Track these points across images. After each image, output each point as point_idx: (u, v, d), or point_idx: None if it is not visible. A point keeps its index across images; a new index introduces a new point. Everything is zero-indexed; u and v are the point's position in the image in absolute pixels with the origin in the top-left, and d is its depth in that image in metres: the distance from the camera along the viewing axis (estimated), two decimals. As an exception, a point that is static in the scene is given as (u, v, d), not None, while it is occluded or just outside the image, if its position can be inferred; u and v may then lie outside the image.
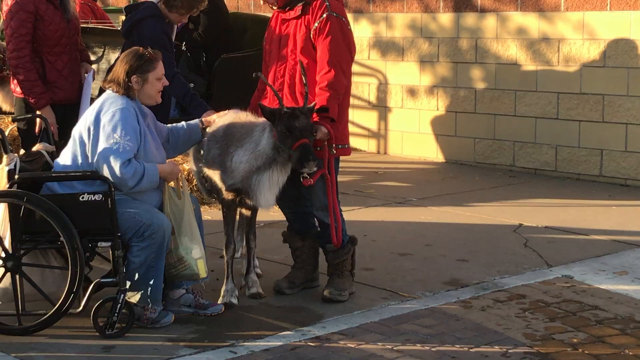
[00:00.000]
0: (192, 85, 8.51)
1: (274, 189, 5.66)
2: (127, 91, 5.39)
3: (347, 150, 6.00)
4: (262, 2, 6.12)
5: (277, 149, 5.53)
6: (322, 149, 5.74)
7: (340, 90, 5.78)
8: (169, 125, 5.88)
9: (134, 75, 5.39)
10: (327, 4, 5.83)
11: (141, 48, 5.50)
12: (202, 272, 5.48)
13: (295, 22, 5.92)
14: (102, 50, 9.41)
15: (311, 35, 5.84)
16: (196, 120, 5.92)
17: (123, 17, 12.03)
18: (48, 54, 6.57)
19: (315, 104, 5.65)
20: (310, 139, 5.54)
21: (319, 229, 6.03)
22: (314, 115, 5.66)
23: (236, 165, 5.63)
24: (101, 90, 5.82)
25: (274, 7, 6.03)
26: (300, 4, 5.88)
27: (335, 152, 5.81)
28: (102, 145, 5.26)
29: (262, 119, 5.64)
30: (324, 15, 5.80)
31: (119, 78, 5.39)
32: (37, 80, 6.51)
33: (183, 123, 5.92)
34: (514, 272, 6.54)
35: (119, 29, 9.43)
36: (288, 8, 5.93)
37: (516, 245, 7.24)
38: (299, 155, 5.45)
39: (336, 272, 6.02)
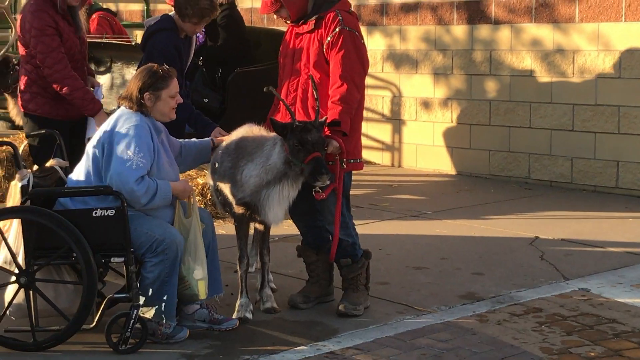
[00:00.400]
0: (206, 100, 8.53)
1: (284, 203, 5.64)
2: (139, 108, 5.38)
3: (359, 164, 5.98)
4: (275, 17, 6.12)
5: (288, 163, 5.51)
6: (334, 163, 5.72)
7: (353, 104, 5.76)
8: (181, 140, 5.87)
9: (147, 92, 5.38)
10: (340, 18, 5.81)
11: (156, 65, 5.49)
12: (202, 293, 5.45)
13: (309, 37, 5.91)
14: (109, 63, 9.43)
15: (324, 50, 5.83)
16: (208, 139, 5.93)
17: (137, 32, 12.06)
18: None
19: (326, 118, 5.63)
20: (322, 153, 5.52)
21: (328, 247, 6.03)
22: (326, 129, 5.64)
23: (246, 179, 5.62)
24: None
25: (288, 22, 6.02)
26: (314, 18, 5.87)
27: (345, 166, 5.77)
28: (115, 161, 5.25)
29: (273, 134, 5.62)
30: (337, 29, 5.79)
31: (132, 95, 5.38)
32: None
33: (195, 140, 5.92)
34: (530, 285, 6.50)
35: (134, 44, 9.47)
36: (302, 22, 5.93)
37: (532, 258, 7.20)
38: (311, 169, 5.43)
39: (351, 287, 5.99)
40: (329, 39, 5.80)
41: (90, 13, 10.50)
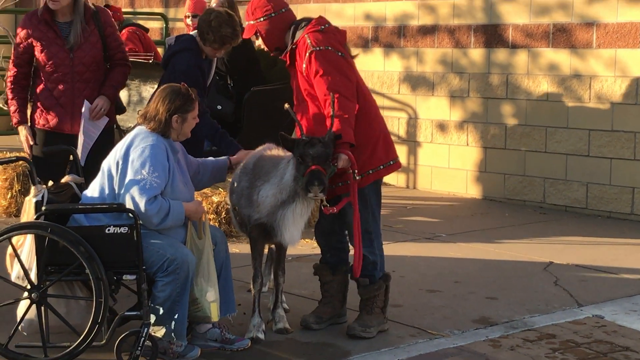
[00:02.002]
0: (219, 107, 8.52)
1: (298, 223, 5.61)
2: (164, 129, 5.38)
3: (390, 167, 5.95)
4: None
5: (296, 180, 5.49)
6: (344, 181, 5.67)
7: (350, 113, 5.66)
8: (199, 159, 5.87)
9: (176, 115, 5.39)
10: (309, 41, 5.74)
11: (182, 86, 5.49)
12: (215, 315, 5.44)
13: (292, 71, 5.92)
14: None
15: (305, 78, 5.80)
16: (225, 158, 5.92)
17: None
18: (47, 80, 6.56)
19: (334, 133, 5.57)
20: (328, 168, 5.46)
21: (350, 264, 6.00)
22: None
23: (262, 199, 5.60)
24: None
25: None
26: (289, 50, 5.86)
27: (359, 178, 5.67)
28: (129, 180, 5.25)
29: (290, 153, 5.61)
30: (307, 54, 5.73)
31: (161, 117, 5.37)
32: (15, 98, 6.59)
33: (212, 159, 5.92)
34: (544, 311, 6.46)
35: (152, 61, 9.48)
36: (282, 55, 5.91)
37: (546, 283, 7.16)
38: (305, 180, 5.40)
39: (365, 308, 5.95)
40: (304, 66, 5.76)
41: (121, 29, 10.43)
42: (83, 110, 6.52)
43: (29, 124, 6.65)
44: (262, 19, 5.88)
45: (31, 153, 6.58)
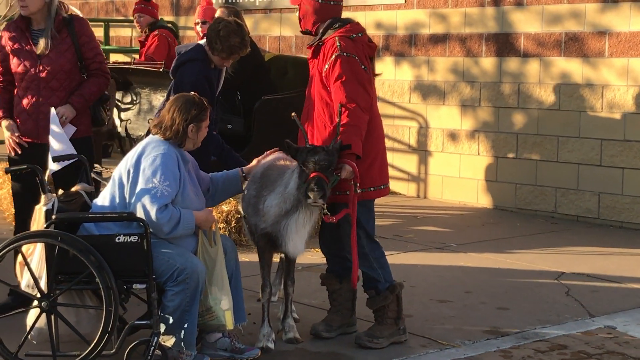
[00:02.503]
0: (229, 126, 8.52)
1: (301, 232, 5.59)
2: (182, 139, 5.40)
3: (380, 191, 5.89)
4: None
5: (299, 188, 5.47)
6: (344, 190, 5.64)
7: (361, 126, 5.64)
8: (210, 174, 5.86)
9: (191, 125, 5.40)
10: (339, 44, 5.72)
11: (195, 96, 5.50)
12: (230, 324, 5.43)
13: (312, 64, 5.90)
14: (137, 89, 9.44)
15: (323, 78, 5.78)
16: (236, 170, 5.91)
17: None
18: (19, 87, 6.48)
19: (341, 142, 5.54)
20: (330, 176, 5.43)
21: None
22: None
23: (267, 209, 5.60)
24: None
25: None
26: (315, 43, 5.84)
27: (359, 191, 5.65)
28: (140, 188, 5.25)
29: (295, 162, 5.59)
30: (333, 56, 5.71)
31: (178, 127, 5.38)
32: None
33: (221, 172, 5.91)
34: (556, 321, 6.42)
35: (162, 70, 9.48)
36: (308, 45, 5.89)
37: (558, 293, 7.12)
38: (305, 187, 5.38)
39: (377, 319, 5.94)
40: (326, 67, 5.74)
41: (155, 29, 10.36)
42: (50, 116, 6.35)
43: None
44: None
45: (14, 149, 6.45)
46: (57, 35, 6.39)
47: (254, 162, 5.97)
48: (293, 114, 5.63)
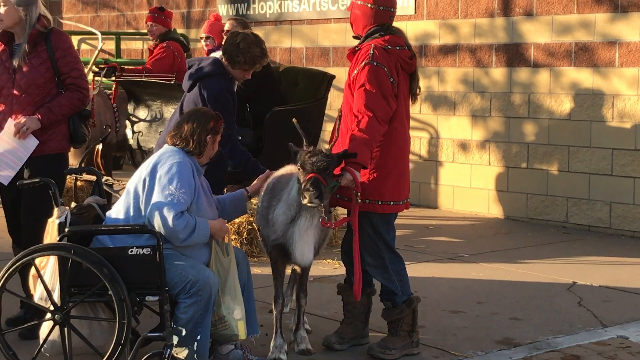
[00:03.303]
0: (240, 138, 8.54)
1: (305, 239, 5.57)
2: (202, 149, 5.47)
3: (395, 207, 5.86)
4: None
5: (299, 192, 5.48)
6: (350, 197, 5.64)
7: (374, 137, 5.61)
8: (217, 196, 5.90)
9: (209, 136, 5.48)
10: (372, 52, 5.71)
11: (209, 109, 5.61)
12: (242, 333, 5.44)
13: (349, 64, 5.91)
14: (148, 101, 9.46)
15: (351, 83, 5.79)
16: (241, 191, 5.93)
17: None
18: None
19: (346, 151, 5.55)
20: (328, 179, 5.41)
21: (374, 287, 5.97)
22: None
23: (276, 219, 5.62)
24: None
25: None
26: (354, 47, 5.84)
27: (359, 201, 5.63)
28: (156, 196, 5.28)
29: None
30: (363, 63, 5.71)
31: (199, 137, 5.45)
32: None
33: (229, 193, 5.96)
34: (568, 331, 6.42)
35: (173, 82, 9.50)
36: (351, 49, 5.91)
37: (570, 304, 7.11)
38: (300, 187, 5.38)
39: (391, 330, 5.93)
40: (354, 72, 5.75)
41: (166, 39, 10.27)
42: (6, 124, 6.25)
43: None
44: (360, 2, 5.87)
45: None
46: (34, 49, 6.26)
47: (256, 181, 5.99)
48: (294, 119, 5.66)
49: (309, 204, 5.38)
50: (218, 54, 6.86)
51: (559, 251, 8.95)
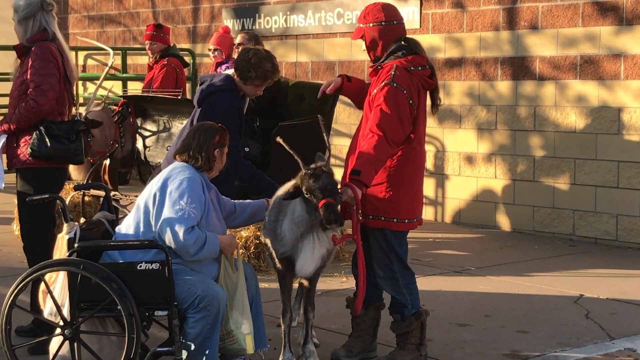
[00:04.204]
0: (247, 149, 8.57)
1: (314, 254, 5.59)
2: (210, 164, 5.50)
3: (410, 224, 5.86)
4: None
5: (310, 213, 5.50)
6: (350, 211, 5.65)
7: (381, 157, 5.60)
8: (237, 201, 5.92)
9: (217, 150, 5.51)
10: (393, 73, 5.69)
11: (214, 123, 5.63)
12: (250, 348, 5.45)
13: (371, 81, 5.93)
14: (155, 116, 9.49)
15: (370, 101, 5.80)
16: (262, 200, 5.97)
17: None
18: None
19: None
20: (336, 197, 5.44)
21: (383, 301, 5.98)
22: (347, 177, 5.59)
23: (283, 233, 5.64)
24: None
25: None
26: (376, 65, 5.84)
27: (361, 218, 5.64)
28: (167, 210, 5.31)
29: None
30: (383, 83, 5.70)
31: (207, 153, 5.48)
32: None
33: (249, 201, 5.97)
34: (575, 344, 6.42)
35: (180, 97, 9.54)
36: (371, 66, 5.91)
37: (577, 316, 7.12)
38: (322, 217, 5.39)
39: (399, 344, 5.94)
40: (374, 91, 5.73)
41: (166, 55, 10.28)
42: None
43: None
44: (371, 25, 5.83)
45: None
46: (22, 63, 6.44)
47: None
48: (278, 137, 5.70)
49: (332, 230, 5.46)
50: (230, 71, 6.86)
51: (566, 264, 8.96)
